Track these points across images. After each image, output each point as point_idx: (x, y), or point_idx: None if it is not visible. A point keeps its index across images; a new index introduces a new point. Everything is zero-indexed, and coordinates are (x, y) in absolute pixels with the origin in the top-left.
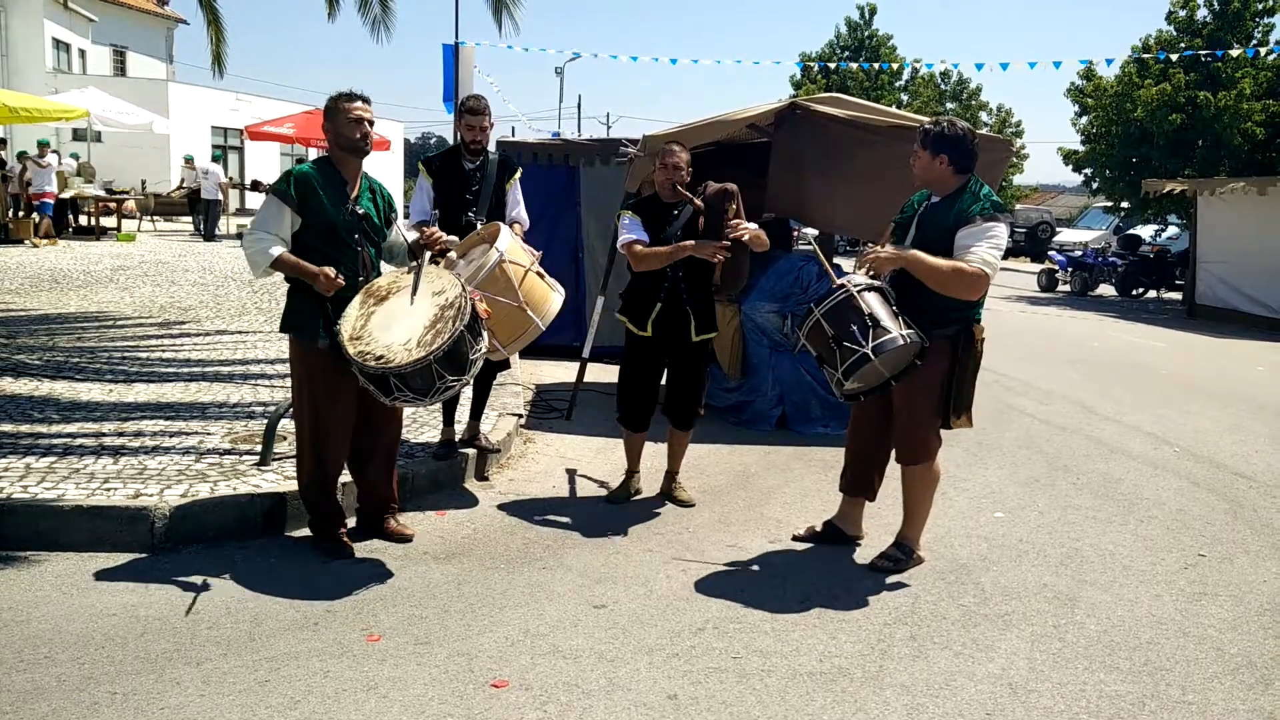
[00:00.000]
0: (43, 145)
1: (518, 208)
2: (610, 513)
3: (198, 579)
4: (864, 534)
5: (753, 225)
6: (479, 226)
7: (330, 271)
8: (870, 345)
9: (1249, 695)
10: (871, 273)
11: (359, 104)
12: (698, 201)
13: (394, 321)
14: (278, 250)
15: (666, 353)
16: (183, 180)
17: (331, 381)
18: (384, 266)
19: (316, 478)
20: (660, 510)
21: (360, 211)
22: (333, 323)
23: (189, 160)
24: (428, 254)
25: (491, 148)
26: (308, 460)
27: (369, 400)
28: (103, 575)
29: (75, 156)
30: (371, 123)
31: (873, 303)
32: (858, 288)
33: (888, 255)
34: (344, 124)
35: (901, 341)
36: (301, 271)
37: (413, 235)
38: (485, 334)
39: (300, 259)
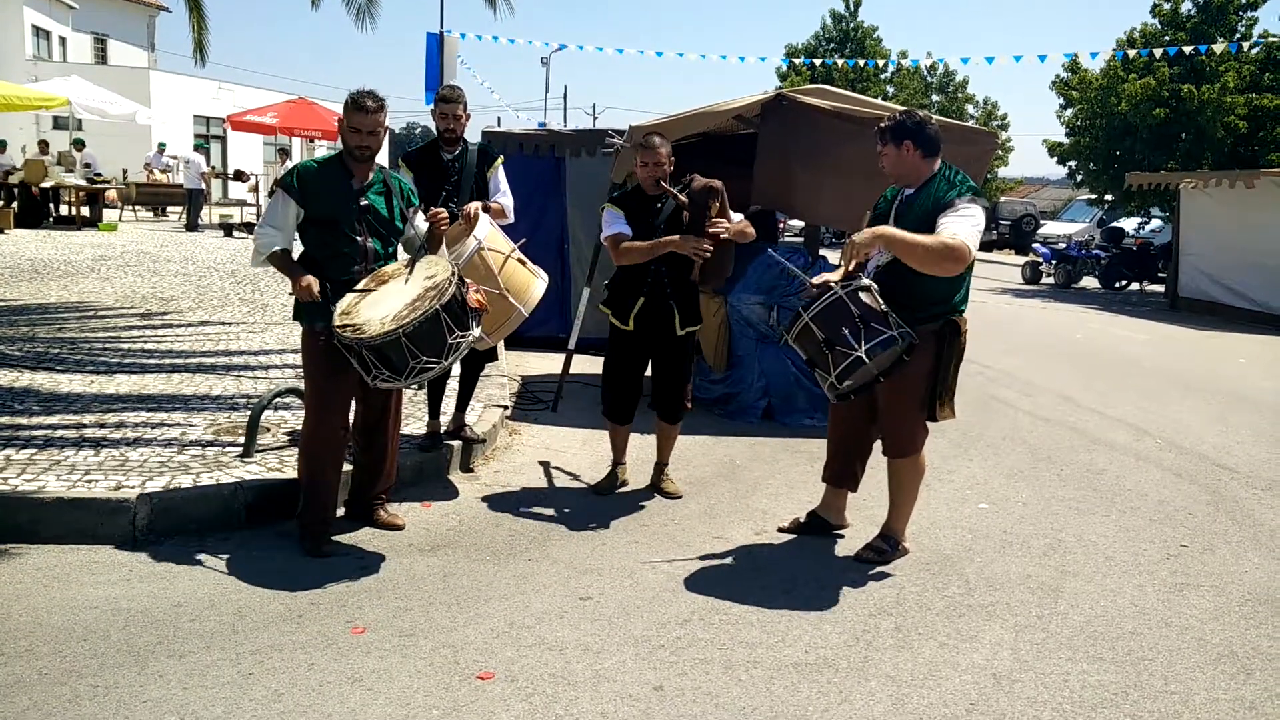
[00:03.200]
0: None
1: (500, 192)
2: (596, 504)
3: (180, 571)
4: (848, 523)
5: (738, 218)
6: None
7: (309, 281)
8: (864, 348)
9: (1230, 685)
10: (855, 264)
11: (360, 116)
12: (681, 197)
13: (383, 300)
14: (274, 248)
15: (650, 346)
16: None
17: (332, 361)
18: (401, 255)
19: (316, 450)
20: (646, 502)
21: (364, 204)
22: (331, 308)
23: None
24: (428, 234)
25: (476, 138)
26: (308, 433)
27: (369, 388)
28: (84, 568)
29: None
30: (373, 132)
31: (863, 303)
32: (845, 288)
33: (864, 238)
34: (347, 132)
35: (896, 343)
36: (288, 274)
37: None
38: (476, 325)
39: (293, 260)
